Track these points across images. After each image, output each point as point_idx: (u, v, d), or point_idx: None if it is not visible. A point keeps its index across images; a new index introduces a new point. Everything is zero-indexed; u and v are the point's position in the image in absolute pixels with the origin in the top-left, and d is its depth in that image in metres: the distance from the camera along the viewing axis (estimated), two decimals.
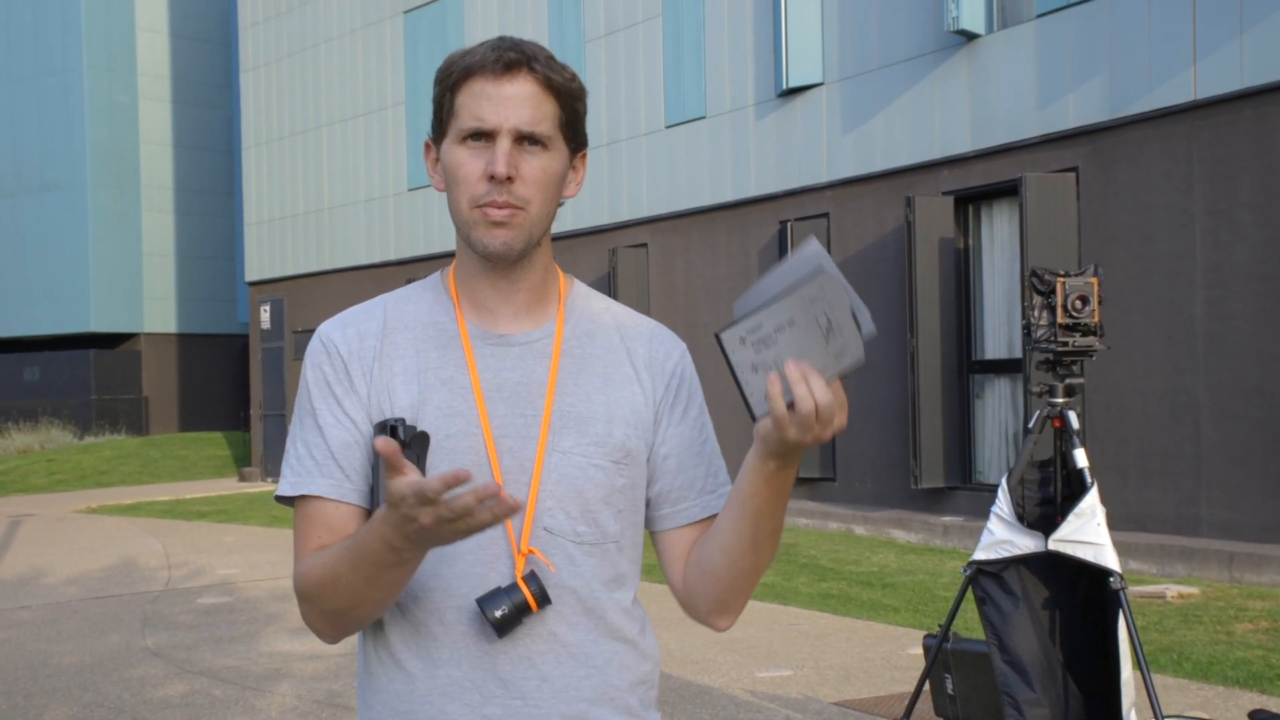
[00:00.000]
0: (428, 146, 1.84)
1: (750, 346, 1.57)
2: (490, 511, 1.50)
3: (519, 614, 1.73)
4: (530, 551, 1.76)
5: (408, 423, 1.74)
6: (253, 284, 23.49)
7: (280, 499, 1.84)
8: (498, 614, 1.72)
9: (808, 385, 1.56)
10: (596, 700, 1.79)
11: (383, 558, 1.62)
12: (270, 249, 23.02)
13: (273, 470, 21.96)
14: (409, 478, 1.51)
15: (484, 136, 1.74)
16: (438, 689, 1.76)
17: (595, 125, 16.31)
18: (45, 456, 25.72)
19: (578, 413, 1.80)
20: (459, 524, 1.52)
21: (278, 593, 10.27)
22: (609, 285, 15.71)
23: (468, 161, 1.75)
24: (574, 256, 16.58)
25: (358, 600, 1.70)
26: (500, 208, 1.74)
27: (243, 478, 22.61)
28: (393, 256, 20.06)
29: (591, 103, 15.65)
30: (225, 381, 32.15)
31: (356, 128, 20.97)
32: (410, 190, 19.66)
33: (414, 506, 1.51)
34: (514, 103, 1.73)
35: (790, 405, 1.57)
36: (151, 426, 31.70)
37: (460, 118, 1.75)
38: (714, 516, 1.90)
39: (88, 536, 14.83)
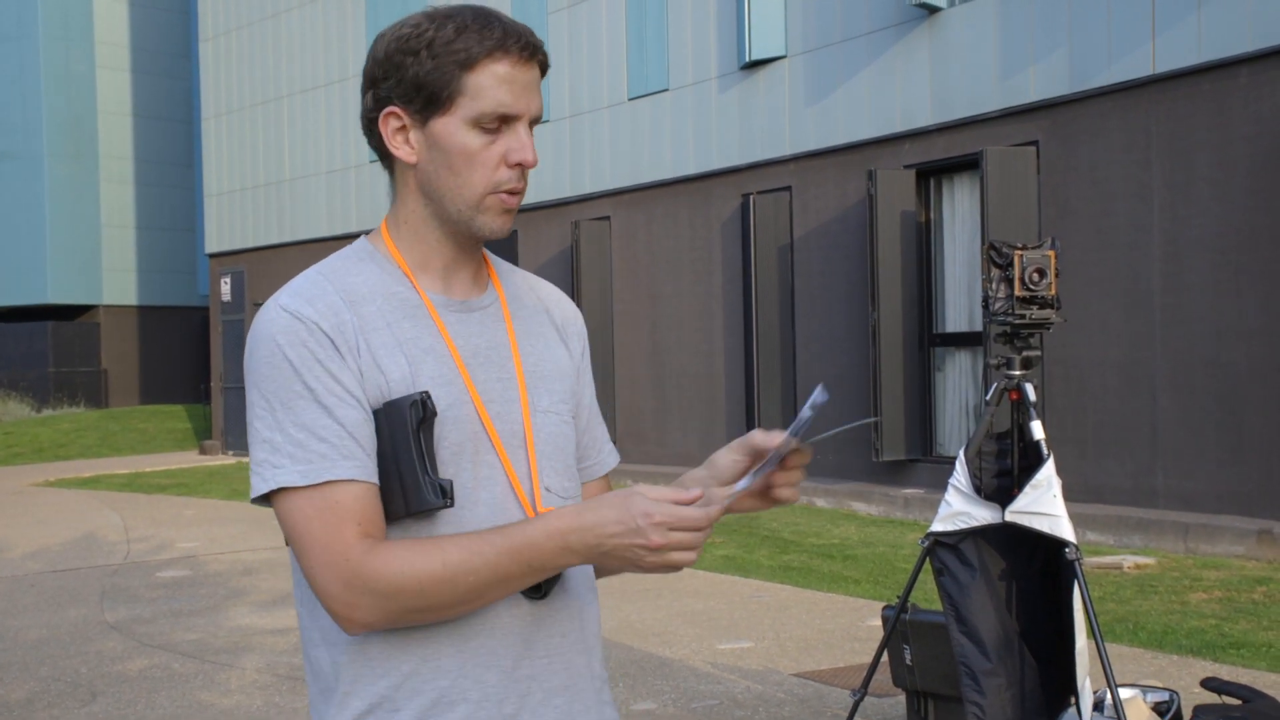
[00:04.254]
0: (395, 115, 1.74)
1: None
2: (695, 553, 1.62)
3: (554, 577, 1.75)
4: (544, 511, 1.74)
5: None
6: (213, 256, 23.30)
7: (257, 500, 1.70)
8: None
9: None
10: (584, 650, 1.82)
11: (549, 562, 1.63)
12: (230, 221, 22.84)
13: (234, 443, 21.83)
14: (712, 506, 1.63)
15: (500, 120, 1.72)
16: (470, 659, 1.71)
17: (558, 97, 16.24)
18: (2, 429, 25.47)
19: (541, 371, 1.83)
20: (669, 556, 1.60)
21: (240, 566, 10.23)
22: (571, 258, 15.68)
23: (486, 147, 1.72)
24: (536, 230, 16.54)
25: (466, 600, 1.65)
26: (514, 194, 1.75)
27: (203, 451, 22.48)
28: (354, 228, 19.93)
29: (554, 75, 15.47)
30: (185, 354, 31.91)
31: (317, 98, 20.80)
32: (371, 162, 19.51)
33: (668, 528, 1.59)
34: (533, 89, 1.75)
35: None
36: (111, 399, 31.44)
37: (480, 100, 1.71)
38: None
39: (46, 510, 14.72)
